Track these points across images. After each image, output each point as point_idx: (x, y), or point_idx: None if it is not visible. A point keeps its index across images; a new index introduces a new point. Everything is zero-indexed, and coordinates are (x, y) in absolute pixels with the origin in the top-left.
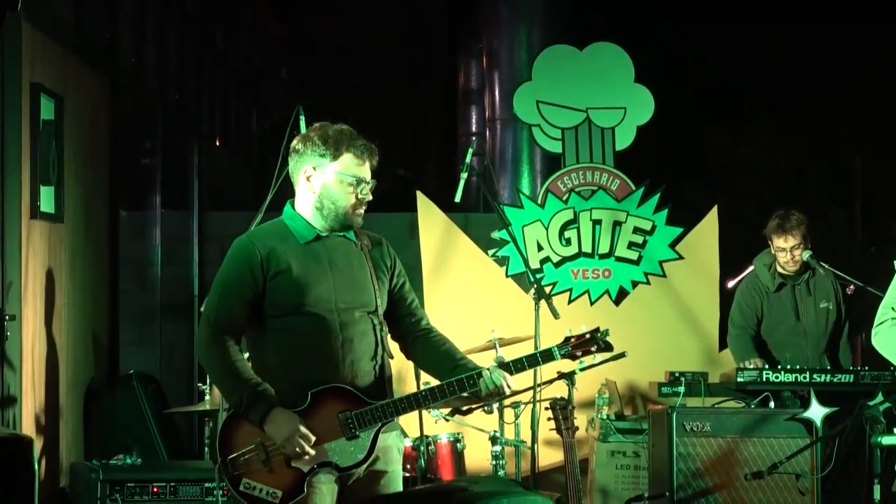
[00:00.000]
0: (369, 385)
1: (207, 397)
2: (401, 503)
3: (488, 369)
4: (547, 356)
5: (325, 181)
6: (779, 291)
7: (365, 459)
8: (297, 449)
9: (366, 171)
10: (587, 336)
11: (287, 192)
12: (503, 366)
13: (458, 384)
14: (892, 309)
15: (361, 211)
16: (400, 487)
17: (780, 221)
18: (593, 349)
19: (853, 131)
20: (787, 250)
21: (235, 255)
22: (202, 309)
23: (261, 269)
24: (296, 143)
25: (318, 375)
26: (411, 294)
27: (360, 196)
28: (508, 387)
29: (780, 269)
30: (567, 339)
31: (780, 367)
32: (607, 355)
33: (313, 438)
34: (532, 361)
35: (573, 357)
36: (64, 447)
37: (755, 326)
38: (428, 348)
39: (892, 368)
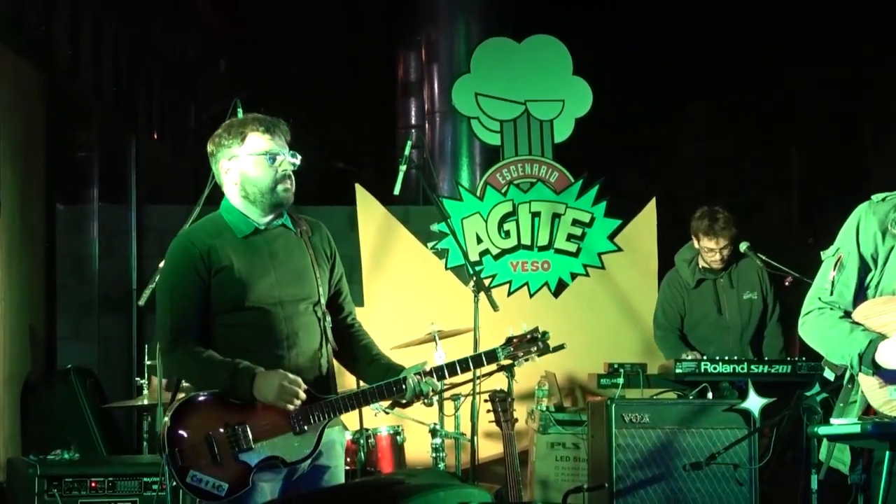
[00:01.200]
0: (315, 379)
1: (146, 392)
2: (336, 496)
3: (417, 377)
4: (490, 357)
5: (241, 168)
6: (698, 287)
7: (311, 454)
8: (292, 396)
9: (278, 145)
10: (528, 337)
11: None
12: (449, 367)
13: (387, 388)
14: (819, 299)
15: (288, 185)
16: (342, 480)
17: (709, 223)
18: (533, 350)
19: (790, 122)
20: (716, 251)
21: (176, 256)
22: (140, 302)
23: (203, 267)
24: (208, 147)
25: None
26: (346, 287)
27: (279, 170)
28: (434, 392)
29: (703, 265)
30: (509, 340)
31: (717, 358)
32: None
33: (303, 385)
34: (477, 361)
35: (514, 358)
36: (0, 442)
37: (679, 325)
38: (350, 340)
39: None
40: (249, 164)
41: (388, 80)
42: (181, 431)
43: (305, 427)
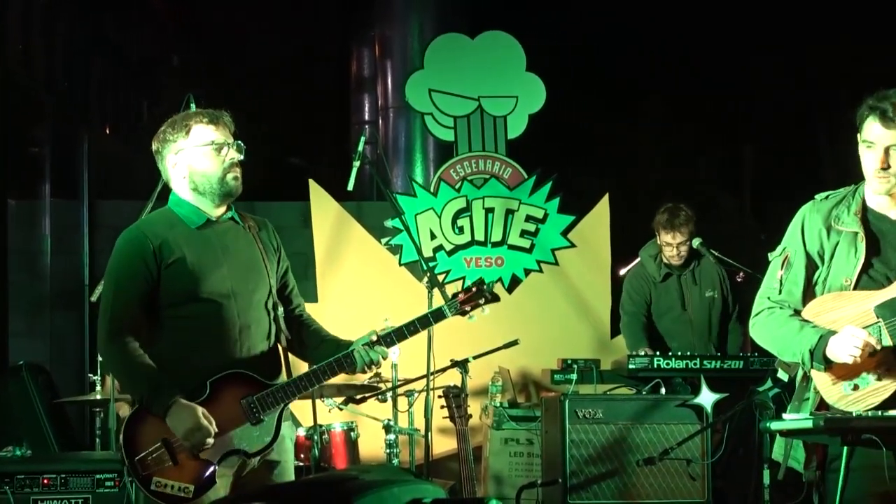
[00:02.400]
0: (267, 368)
1: (98, 388)
2: (290, 492)
3: (363, 347)
4: (438, 315)
5: (188, 161)
6: (665, 281)
7: (272, 441)
8: (198, 442)
9: (223, 135)
10: (474, 289)
11: None
12: (397, 332)
13: (337, 364)
14: (769, 299)
15: (237, 174)
16: (292, 477)
17: (670, 217)
18: (482, 301)
19: (743, 119)
20: (674, 245)
21: (126, 247)
22: (92, 298)
23: (154, 260)
24: (153, 146)
25: (215, 363)
26: (292, 280)
27: (227, 159)
28: (383, 359)
29: (665, 261)
30: (455, 296)
31: (670, 353)
32: (501, 345)
33: (214, 430)
34: (424, 322)
35: (463, 313)
36: None
37: (646, 312)
38: (300, 329)
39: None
40: (197, 156)
41: (341, 76)
42: (137, 439)
43: (262, 416)
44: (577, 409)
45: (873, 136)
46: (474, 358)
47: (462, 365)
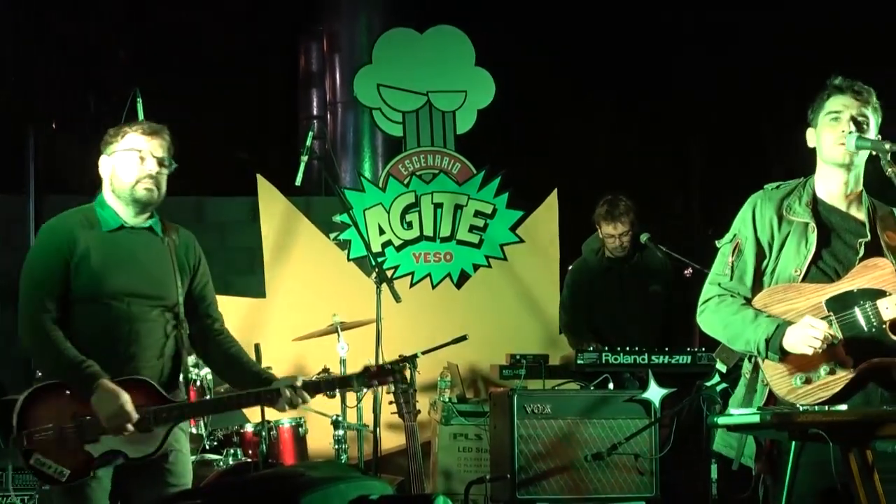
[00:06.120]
0: (159, 379)
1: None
2: (236, 489)
3: (293, 389)
4: (344, 383)
5: (113, 163)
6: (606, 276)
7: (153, 454)
8: (118, 426)
9: (151, 147)
10: (387, 367)
11: None
12: (306, 386)
13: (255, 397)
14: (719, 285)
15: (150, 185)
16: (189, 466)
17: (609, 208)
18: (389, 380)
19: (690, 114)
20: (615, 237)
21: (46, 238)
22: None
23: (68, 253)
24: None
25: (111, 364)
26: (211, 295)
27: (145, 169)
28: (304, 403)
29: (608, 254)
30: (366, 369)
31: (618, 348)
32: (450, 340)
33: (135, 418)
34: (329, 386)
35: (369, 386)
36: None
37: (587, 311)
38: (219, 349)
39: None
40: (120, 160)
41: (289, 71)
42: (31, 415)
43: (154, 427)
44: (526, 404)
45: (841, 105)
46: (423, 353)
47: (410, 360)
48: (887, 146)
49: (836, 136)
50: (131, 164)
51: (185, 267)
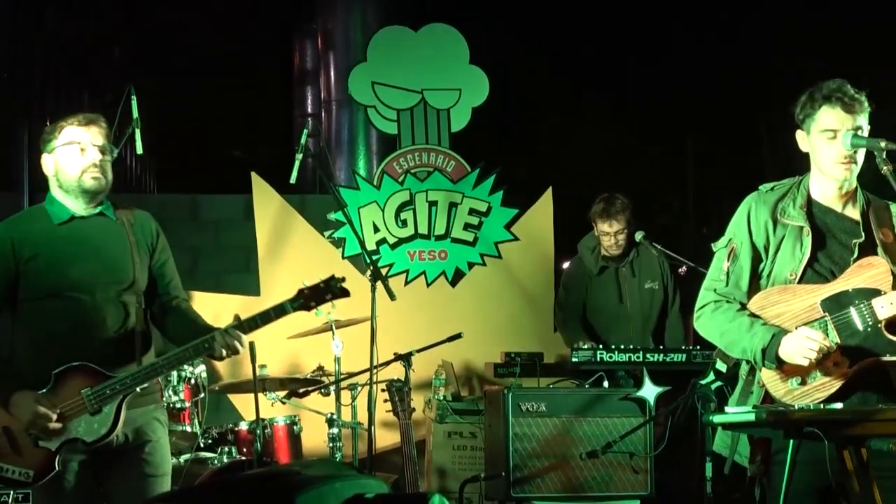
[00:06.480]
0: (120, 362)
1: None
2: (231, 488)
3: (222, 331)
4: (279, 311)
5: (55, 159)
6: (601, 275)
7: (109, 432)
8: (41, 428)
9: (90, 136)
10: (321, 285)
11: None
12: (239, 325)
13: (194, 349)
14: (715, 291)
15: (96, 174)
16: (167, 456)
17: (605, 206)
18: (328, 297)
19: (685, 113)
20: (611, 234)
21: None
22: None
23: (12, 255)
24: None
25: (67, 355)
26: (172, 273)
27: (87, 159)
28: (241, 346)
29: (604, 252)
30: (300, 292)
31: (613, 346)
32: (444, 338)
33: (54, 416)
34: (265, 318)
35: (308, 308)
36: None
37: (582, 309)
38: (175, 317)
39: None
40: (62, 155)
41: (284, 68)
42: None
43: (102, 407)
44: (521, 402)
45: (835, 123)
46: (417, 351)
47: (405, 358)
48: (882, 144)
49: (832, 156)
50: (73, 156)
51: (143, 245)
